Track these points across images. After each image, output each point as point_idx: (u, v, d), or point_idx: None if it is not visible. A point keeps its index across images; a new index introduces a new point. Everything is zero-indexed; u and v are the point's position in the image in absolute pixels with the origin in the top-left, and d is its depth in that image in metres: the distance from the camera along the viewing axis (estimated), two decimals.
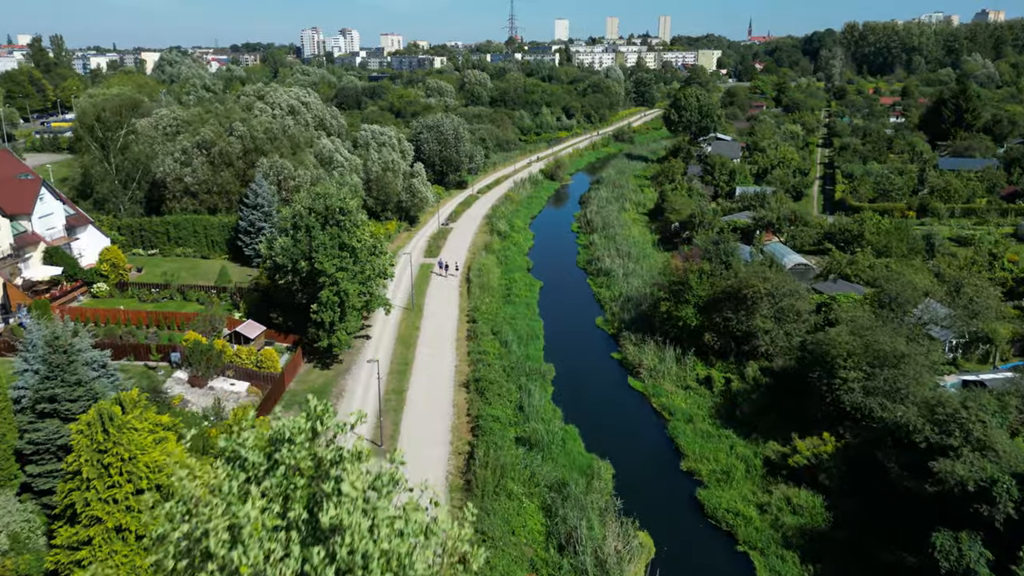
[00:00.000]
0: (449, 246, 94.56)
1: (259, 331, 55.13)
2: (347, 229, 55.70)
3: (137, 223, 79.59)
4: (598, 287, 78.09)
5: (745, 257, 72.86)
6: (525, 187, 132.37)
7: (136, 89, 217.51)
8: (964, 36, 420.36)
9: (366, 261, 57.38)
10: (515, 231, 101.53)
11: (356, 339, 61.33)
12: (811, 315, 54.24)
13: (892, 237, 71.07)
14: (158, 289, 65.18)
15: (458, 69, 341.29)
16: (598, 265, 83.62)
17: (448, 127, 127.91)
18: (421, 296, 73.64)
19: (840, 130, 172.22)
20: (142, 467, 29.72)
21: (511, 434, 45.96)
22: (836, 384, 41.93)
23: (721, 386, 53.02)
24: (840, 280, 65.03)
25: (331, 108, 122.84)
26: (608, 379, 57.11)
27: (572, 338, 65.44)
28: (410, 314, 68.04)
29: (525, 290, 75.92)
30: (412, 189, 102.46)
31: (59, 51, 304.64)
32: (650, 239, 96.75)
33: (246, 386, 50.61)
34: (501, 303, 71.61)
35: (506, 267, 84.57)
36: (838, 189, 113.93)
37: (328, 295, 52.92)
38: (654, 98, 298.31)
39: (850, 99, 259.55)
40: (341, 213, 55.35)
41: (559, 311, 71.78)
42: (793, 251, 79.62)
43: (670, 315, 58.81)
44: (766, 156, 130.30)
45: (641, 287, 73.87)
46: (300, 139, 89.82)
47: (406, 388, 52.57)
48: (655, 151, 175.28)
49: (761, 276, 54.33)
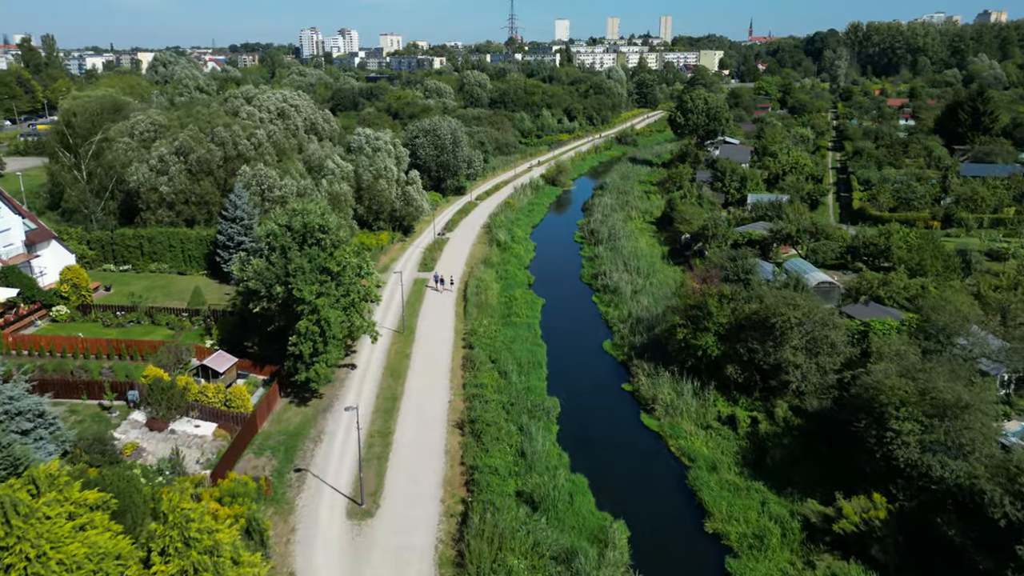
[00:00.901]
0: (445, 258, 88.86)
1: (230, 364, 49.37)
2: (328, 249, 50.02)
3: (108, 236, 73.81)
4: (605, 305, 72.36)
5: (765, 275, 67.23)
6: (526, 193, 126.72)
7: (128, 90, 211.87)
8: (970, 36, 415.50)
9: (350, 283, 51.74)
10: (515, 242, 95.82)
11: (341, 368, 55.69)
12: (847, 347, 48.49)
13: (925, 253, 65.30)
14: (124, 312, 59.41)
15: (457, 70, 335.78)
16: (604, 281, 77.90)
17: (445, 131, 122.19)
18: (413, 316, 67.91)
19: (851, 133, 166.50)
20: (54, 565, 24.00)
21: (511, 488, 40.23)
22: (888, 438, 36.19)
23: (747, 427, 47.29)
24: (872, 302, 59.28)
25: (323, 111, 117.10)
26: (619, 416, 51.36)
27: (578, 366, 59.73)
28: (401, 338, 62.29)
29: (526, 309, 70.18)
30: (407, 197, 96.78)
31: (50, 51, 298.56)
32: (658, 251, 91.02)
33: (212, 428, 44.88)
34: (500, 324, 65.90)
35: (506, 282, 78.87)
36: (855, 197, 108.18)
37: (307, 325, 47.22)
38: (657, 99, 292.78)
39: (857, 100, 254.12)
40: (321, 231, 49.65)
41: (563, 333, 66.07)
42: (814, 267, 73.94)
43: (687, 343, 53.09)
44: (777, 161, 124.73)
45: (652, 306, 68.24)
46: (286, 145, 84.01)
47: (393, 429, 46.81)
48: (659, 155, 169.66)
49: (790, 302, 48.59)
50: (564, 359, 60.29)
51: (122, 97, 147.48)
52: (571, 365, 59.47)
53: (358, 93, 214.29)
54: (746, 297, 54.86)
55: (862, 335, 52.62)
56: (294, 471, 42.00)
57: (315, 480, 41.03)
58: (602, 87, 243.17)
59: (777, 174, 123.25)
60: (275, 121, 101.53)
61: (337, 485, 40.58)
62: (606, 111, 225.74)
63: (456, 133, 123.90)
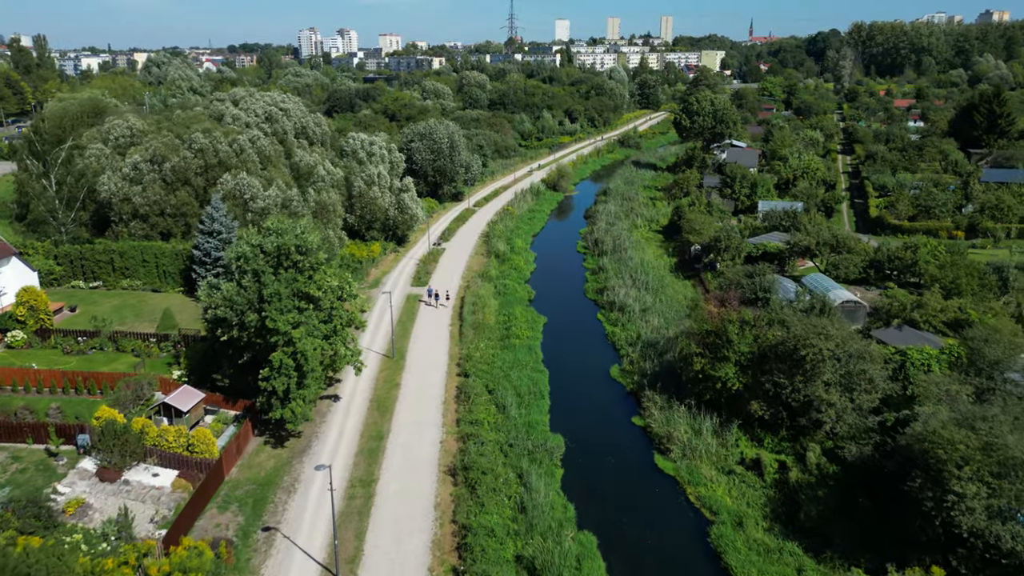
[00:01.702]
0: (440, 271, 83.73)
1: (195, 401, 44.24)
2: (307, 272, 44.92)
3: (78, 251, 68.69)
4: (611, 325, 67.22)
5: (785, 293, 62.10)
6: (526, 199, 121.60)
7: (119, 91, 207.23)
8: (974, 36, 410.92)
9: (332, 309, 46.65)
10: (515, 252, 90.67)
11: (323, 400, 50.62)
12: (885, 382, 43.35)
13: (959, 271, 60.15)
14: (86, 338, 54.26)
15: (456, 70, 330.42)
16: (610, 297, 72.74)
17: (442, 134, 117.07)
18: (405, 338, 62.77)
19: (862, 136, 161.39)
20: None
21: (509, 552, 35.07)
22: (949, 502, 31.08)
23: (774, 472, 42.16)
24: (906, 326, 54.12)
25: (315, 115, 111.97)
26: (630, 457, 46.20)
27: (583, 396, 54.57)
28: (390, 364, 57.14)
29: (526, 329, 65.04)
30: (401, 205, 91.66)
31: (42, 51, 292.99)
32: (666, 263, 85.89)
33: (173, 477, 39.76)
34: (498, 347, 60.77)
35: (505, 298, 73.75)
36: (871, 204, 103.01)
37: (281, 358, 42.11)
38: (659, 100, 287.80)
39: (863, 101, 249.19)
40: (299, 253, 44.55)
41: (567, 357, 60.94)
42: (836, 283, 68.84)
43: (705, 375, 47.96)
44: (788, 166, 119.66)
45: (662, 327, 63.17)
46: (272, 151, 78.85)
47: (376, 476, 41.65)
48: (663, 158, 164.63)
49: (821, 331, 43.48)
50: (568, 387, 55.17)
51: (105, 99, 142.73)
52: (576, 395, 54.34)
53: (355, 94, 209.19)
54: (767, 319, 49.87)
55: (898, 366, 47.55)
56: (262, 530, 36.85)
57: (285, 542, 35.88)
58: (603, 88, 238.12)
59: (787, 179, 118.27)
60: (262, 125, 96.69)
61: (310, 548, 35.42)
62: (608, 112, 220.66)
63: (453, 137, 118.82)
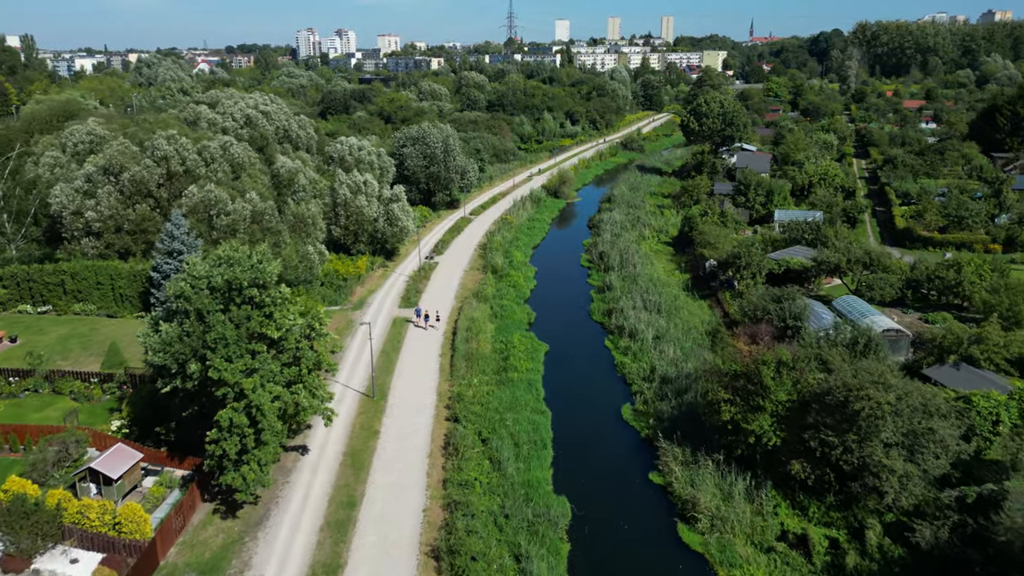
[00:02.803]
0: (432, 289, 76.60)
1: (130, 463, 37.09)
2: (265, 308, 37.77)
3: (25, 272, 61.54)
4: (621, 354, 60.05)
5: (819, 321, 54.97)
6: (525, 207, 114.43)
7: (107, 92, 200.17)
8: (981, 36, 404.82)
9: (296, 350, 39.51)
10: (513, 267, 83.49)
11: (289, 451, 43.48)
12: (958, 443, 36.19)
13: (1018, 295, 52.94)
14: (17, 378, 47.08)
15: (455, 71, 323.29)
16: (619, 320, 65.57)
17: (436, 138, 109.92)
18: (388, 372, 55.55)
19: (876, 138, 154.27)
20: None
21: None
22: None
23: (824, 553, 34.96)
24: (963, 364, 46.93)
25: (300, 117, 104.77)
26: (649, 526, 39.01)
27: (592, 443, 47.31)
28: (370, 405, 49.95)
29: (526, 360, 57.85)
30: (390, 216, 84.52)
31: (29, 51, 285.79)
32: (678, 280, 78.69)
33: (95, 564, 32.59)
34: (494, 383, 53.64)
35: (502, 321, 66.64)
36: (896, 214, 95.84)
37: (231, 415, 34.99)
38: (663, 101, 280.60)
39: (872, 102, 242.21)
40: (256, 287, 37.40)
41: (572, 393, 53.75)
42: (869, 305, 61.74)
43: (735, 425, 40.83)
44: (803, 171, 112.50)
45: (679, 358, 55.99)
46: (245, 159, 71.70)
47: (343, 561, 34.43)
48: (669, 161, 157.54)
49: (878, 380, 36.35)
50: (574, 433, 47.98)
51: (84, 101, 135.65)
52: (583, 442, 47.13)
53: (350, 96, 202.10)
54: (806, 357, 42.79)
55: (959, 414, 40.38)
56: None
57: None
58: (605, 88, 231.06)
59: (803, 186, 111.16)
60: (242, 130, 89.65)
61: None
62: (610, 114, 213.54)
63: (448, 141, 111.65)
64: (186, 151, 67.59)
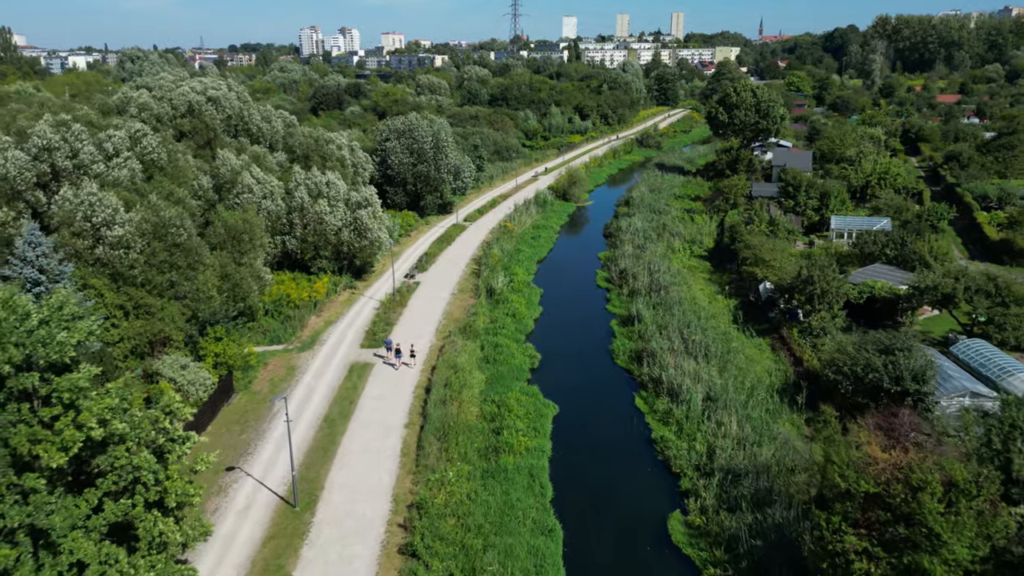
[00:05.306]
0: (407, 320, 59.71)
1: None
2: (59, 405, 20.93)
3: None
4: (660, 423, 42.93)
5: (948, 384, 37.75)
6: (529, 211, 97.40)
7: (82, 87, 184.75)
8: (1008, 30, 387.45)
9: (132, 471, 22.64)
10: (513, 290, 66.23)
11: None
12: None
13: None
14: None
15: (458, 67, 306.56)
16: (653, 370, 48.38)
17: (425, 132, 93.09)
18: (326, 457, 38.45)
19: (927, 134, 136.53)
20: None
21: None
22: None
23: None
24: None
25: (263, 107, 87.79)
26: None
27: None
28: (286, 523, 32.91)
29: (527, 434, 40.72)
30: (359, 226, 67.67)
31: (6, 44, 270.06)
32: (723, 306, 61.48)
33: None
34: (478, 475, 36.75)
35: (495, 368, 49.67)
36: (982, 221, 78.33)
37: None
38: (678, 96, 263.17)
39: (901, 96, 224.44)
40: (33, 372, 20.56)
41: (593, 492, 36.76)
42: (1002, 352, 44.53)
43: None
44: (859, 170, 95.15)
45: (748, 436, 38.87)
46: (162, 154, 55.02)
47: None
48: (691, 159, 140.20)
49: None
50: (599, 571, 31.04)
51: (36, 94, 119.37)
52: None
53: (343, 90, 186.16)
54: (988, 476, 25.76)
55: None
56: None
57: None
58: (617, 82, 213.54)
59: (858, 187, 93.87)
60: (181, 119, 73.23)
61: None
62: (623, 109, 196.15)
63: (439, 135, 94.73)
64: (79, 142, 50.99)
